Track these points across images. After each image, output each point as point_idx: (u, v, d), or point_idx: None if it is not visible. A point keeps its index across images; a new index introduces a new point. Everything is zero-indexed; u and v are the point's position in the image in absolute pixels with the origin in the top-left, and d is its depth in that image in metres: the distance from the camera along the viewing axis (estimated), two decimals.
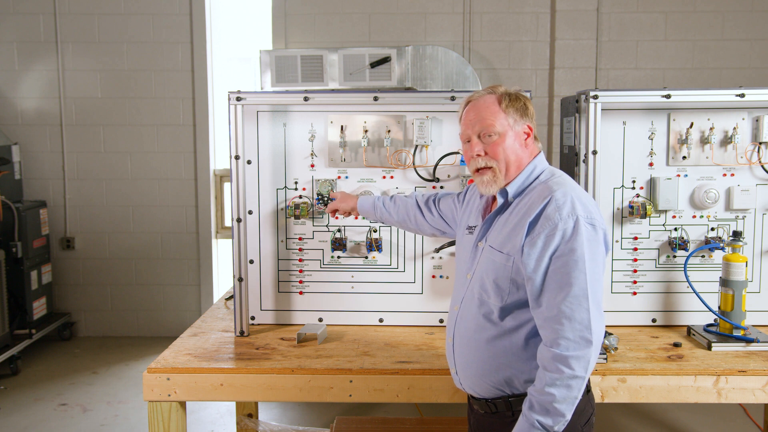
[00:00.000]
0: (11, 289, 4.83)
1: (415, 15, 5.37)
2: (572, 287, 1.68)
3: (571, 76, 5.32)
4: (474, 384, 1.89)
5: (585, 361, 1.66)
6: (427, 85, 4.81)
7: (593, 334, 1.67)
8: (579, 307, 1.67)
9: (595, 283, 1.71)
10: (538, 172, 1.87)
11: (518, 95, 1.89)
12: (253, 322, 2.69)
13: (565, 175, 1.88)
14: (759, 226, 2.62)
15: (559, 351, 1.66)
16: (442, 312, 2.66)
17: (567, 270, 1.69)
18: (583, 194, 1.80)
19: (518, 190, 1.86)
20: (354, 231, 2.66)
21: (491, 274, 1.83)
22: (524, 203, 1.81)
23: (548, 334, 1.70)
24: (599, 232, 1.75)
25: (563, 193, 1.75)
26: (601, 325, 1.71)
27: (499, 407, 1.85)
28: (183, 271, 5.55)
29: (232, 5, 5.68)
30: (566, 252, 1.70)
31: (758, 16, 5.37)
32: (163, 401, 2.22)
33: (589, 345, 1.67)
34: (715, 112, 2.56)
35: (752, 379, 2.18)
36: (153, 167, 5.48)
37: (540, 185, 1.83)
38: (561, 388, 1.66)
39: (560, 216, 1.71)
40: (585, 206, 1.75)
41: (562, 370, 1.65)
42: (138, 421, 3.96)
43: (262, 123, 2.61)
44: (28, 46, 5.38)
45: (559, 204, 1.73)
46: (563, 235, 1.70)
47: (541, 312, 1.72)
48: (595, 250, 1.72)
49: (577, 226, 1.70)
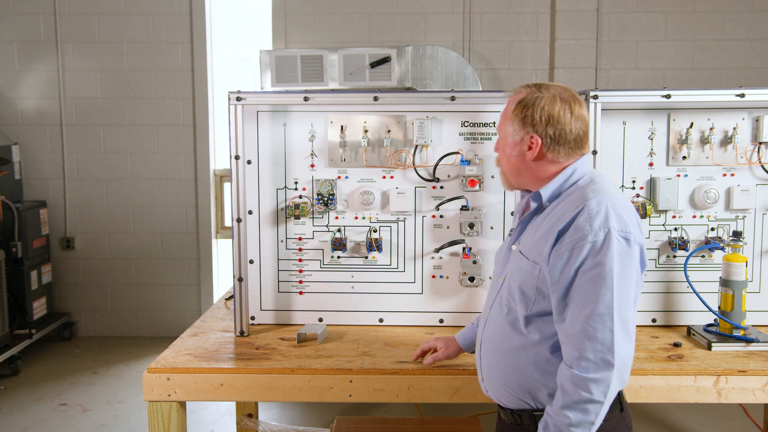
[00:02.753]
0: (11, 289, 4.82)
1: (415, 15, 5.37)
2: (597, 305, 1.59)
3: (571, 76, 5.32)
4: (498, 393, 1.84)
5: (604, 386, 1.57)
6: (427, 85, 4.81)
7: (616, 357, 1.58)
8: (603, 327, 1.58)
9: (624, 302, 1.61)
10: (577, 176, 1.76)
11: (527, 103, 1.75)
12: (253, 322, 2.69)
13: (607, 182, 1.76)
14: (759, 226, 2.62)
15: (578, 372, 1.59)
16: (442, 312, 2.67)
17: (593, 286, 1.60)
18: (623, 205, 1.69)
19: (553, 194, 1.77)
20: (354, 231, 2.66)
21: (517, 280, 1.76)
22: (559, 209, 1.72)
23: (569, 353, 1.63)
24: (634, 248, 1.64)
25: (598, 202, 1.65)
26: (627, 348, 1.61)
27: (524, 419, 1.79)
28: (183, 271, 5.55)
29: (232, 5, 5.68)
30: (594, 266, 1.60)
31: (758, 16, 5.37)
32: (163, 401, 2.21)
33: (610, 368, 1.58)
34: (715, 112, 2.56)
35: (752, 379, 2.17)
36: (153, 167, 5.48)
37: (577, 191, 1.73)
38: (577, 411, 1.58)
39: (591, 227, 1.62)
40: (621, 218, 1.64)
41: (580, 393, 1.58)
42: (138, 421, 3.96)
43: (262, 123, 2.61)
44: (28, 46, 5.38)
45: (591, 214, 1.63)
46: (592, 247, 1.61)
47: (564, 328, 1.65)
48: (626, 267, 1.62)
49: (608, 239, 1.60)
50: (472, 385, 2.17)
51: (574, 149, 1.76)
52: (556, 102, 1.74)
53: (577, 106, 1.75)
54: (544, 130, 1.74)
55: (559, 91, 1.76)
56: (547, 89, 1.76)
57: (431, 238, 2.65)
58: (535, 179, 1.80)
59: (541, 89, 1.76)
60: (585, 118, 1.77)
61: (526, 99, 1.76)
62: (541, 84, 1.79)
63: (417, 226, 2.65)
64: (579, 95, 1.79)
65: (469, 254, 2.60)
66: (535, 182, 1.80)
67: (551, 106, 1.73)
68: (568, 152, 1.75)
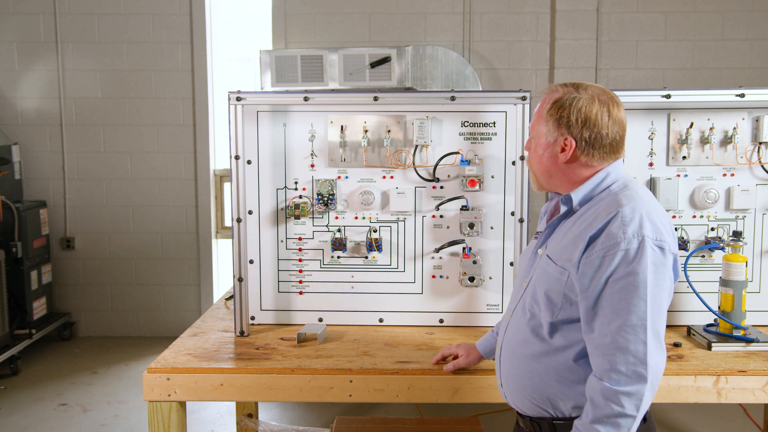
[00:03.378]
0: (11, 289, 4.82)
1: (415, 15, 5.37)
2: (630, 315, 1.54)
3: (571, 76, 5.32)
4: (516, 399, 1.80)
5: (637, 399, 1.52)
6: (427, 85, 4.81)
7: (648, 370, 1.53)
8: (635, 338, 1.53)
9: (657, 312, 1.56)
10: (610, 181, 1.71)
11: (563, 104, 1.70)
12: (253, 322, 2.69)
13: (641, 188, 1.71)
14: (759, 226, 2.62)
15: (609, 384, 1.53)
16: (442, 312, 2.66)
17: (625, 295, 1.55)
18: (657, 212, 1.64)
19: (585, 197, 1.72)
20: (354, 231, 2.66)
21: (543, 285, 1.71)
22: (590, 213, 1.67)
23: (599, 364, 1.57)
24: (668, 257, 1.59)
25: (632, 209, 1.60)
26: (659, 361, 1.57)
27: (543, 428, 1.74)
28: (183, 271, 5.55)
29: (232, 5, 5.68)
30: (626, 275, 1.55)
31: (758, 16, 5.37)
32: (163, 401, 2.21)
33: (643, 381, 1.53)
34: (715, 112, 2.56)
35: (752, 379, 2.17)
36: (153, 167, 5.48)
37: (609, 196, 1.67)
38: (608, 425, 1.53)
39: (624, 235, 1.57)
40: (655, 226, 1.59)
41: (611, 407, 1.52)
42: (138, 421, 3.96)
43: (262, 123, 2.61)
44: (28, 46, 5.38)
45: (625, 221, 1.58)
46: (625, 256, 1.56)
47: (593, 338, 1.59)
48: (660, 276, 1.57)
49: (642, 248, 1.56)
50: (472, 385, 2.17)
51: (609, 153, 1.71)
52: (595, 104, 1.68)
53: (616, 108, 1.70)
54: (579, 132, 1.68)
55: (597, 93, 1.70)
56: (585, 90, 1.71)
57: (431, 238, 2.64)
58: (567, 182, 1.75)
59: (579, 89, 1.71)
60: (623, 121, 1.72)
61: (563, 99, 1.70)
62: (579, 84, 1.73)
63: (417, 226, 2.65)
64: (618, 97, 1.74)
65: (469, 254, 2.60)
66: (566, 185, 1.76)
67: (589, 107, 1.68)
68: (602, 156, 1.71)
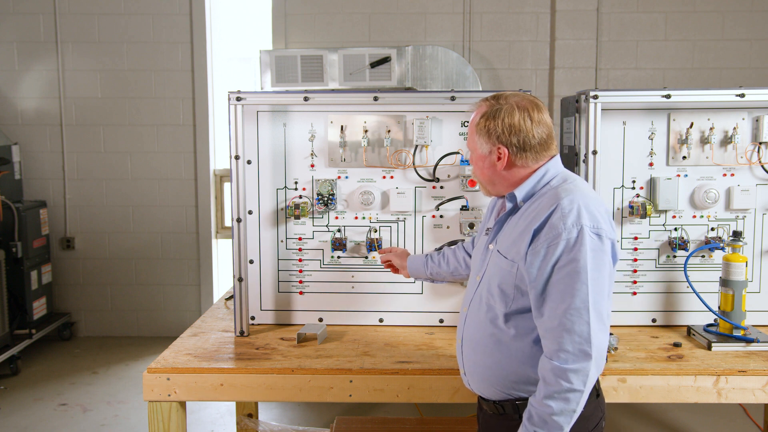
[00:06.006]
0: (11, 289, 4.82)
1: (415, 15, 5.37)
2: (574, 299, 1.66)
3: (571, 76, 5.32)
4: (481, 387, 1.90)
5: (584, 375, 1.65)
6: (427, 85, 4.81)
7: (593, 348, 1.66)
8: (579, 320, 1.66)
9: (599, 295, 1.69)
10: (550, 176, 1.83)
11: (489, 116, 1.82)
12: (253, 322, 2.69)
13: (578, 180, 1.84)
14: (759, 226, 2.62)
15: (558, 363, 1.66)
16: (442, 312, 2.67)
17: (569, 281, 1.67)
18: (594, 202, 1.75)
19: (527, 194, 1.83)
20: (354, 231, 2.66)
21: (496, 278, 1.82)
22: (533, 208, 1.79)
23: (549, 345, 1.70)
24: (606, 243, 1.72)
25: (570, 200, 1.72)
26: (603, 339, 1.69)
27: (506, 409, 1.85)
28: (183, 271, 5.55)
29: (232, 5, 5.68)
30: (568, 262, 1.68)
31: (758, 16, 5.37)
32: (163, 401, 2.22)
33: (588, 359, 1.65)
34: (715, 112, 2.56)
35: (752, 379, 2.18)
36: (153, 167, 5.48)
37: (550, 191, 1.80)
38: (559, 401, 1.65)
39: (564, 225, 1.69)
40: (592, 215, 1.71)
41: (561, 383, 1.65)
42: (138, 421, 3.96)
43: (262, 123, 2.61)
44: (28, 46, 5.38)
45: (564, 212, 1.71)
46: (566, 244, 1.68)
47: (543, 322, 1.72)
48: (599, 261, 1.70)
49: (581, 236, 1.68)
50: None
51: (540, 153, 1.83)
52: (515, 111, 1.80)
53: (536, 111, 1.81)
54: (508, 139, 1.80)
55: (517, 100, 1.82)
56: (506, 99, 1.83)
57: (431, 238, 2.65)
58: (510, 185, 1.87)
59: (499, 100, 1.83)
60: (546, 121, 1.83)
61: (488, 112, 1.83)
62: (500, 95, 1.85)
63: (417, 226, 2.65)
64: (538, 100, 1.85)
65: None
66: (509, 188, 1.87)
67: (511, 115, 1.80)
68: (535, 156, 1.82)
